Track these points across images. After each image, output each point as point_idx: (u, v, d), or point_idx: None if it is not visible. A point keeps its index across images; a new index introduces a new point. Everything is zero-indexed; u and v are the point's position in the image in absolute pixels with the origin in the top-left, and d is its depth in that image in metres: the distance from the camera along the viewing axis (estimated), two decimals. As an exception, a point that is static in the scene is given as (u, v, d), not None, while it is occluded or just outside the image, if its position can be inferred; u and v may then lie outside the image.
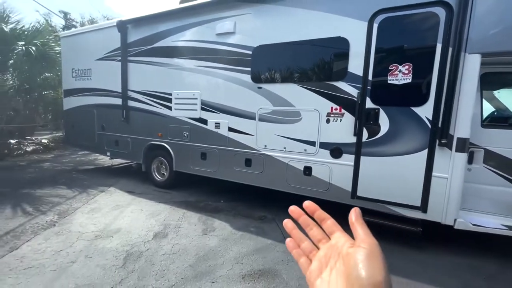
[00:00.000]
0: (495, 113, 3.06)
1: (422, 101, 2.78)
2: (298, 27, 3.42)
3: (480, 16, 2.50)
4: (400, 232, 3.08)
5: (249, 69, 3.79)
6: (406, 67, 2.83)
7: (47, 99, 9.79)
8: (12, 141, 8.38)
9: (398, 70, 2.87)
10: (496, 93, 3.10)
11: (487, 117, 3.00)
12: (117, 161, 6.90)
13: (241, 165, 4.01)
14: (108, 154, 5.75)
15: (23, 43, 7.00)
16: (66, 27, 14.85)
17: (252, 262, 2.69)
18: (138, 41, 4.88)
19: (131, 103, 5.12)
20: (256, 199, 4.48)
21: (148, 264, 2.60)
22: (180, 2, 4.67)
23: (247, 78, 3.82)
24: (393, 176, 3.00)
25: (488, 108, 3.10)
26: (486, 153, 2.84)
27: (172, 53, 4.49)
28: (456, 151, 2.68)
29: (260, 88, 3.74)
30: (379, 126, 3.02)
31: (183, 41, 4.37)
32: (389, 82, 2.92)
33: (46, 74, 8.45)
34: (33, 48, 6.69)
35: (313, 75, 3.39)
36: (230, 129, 4.06)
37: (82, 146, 6.52)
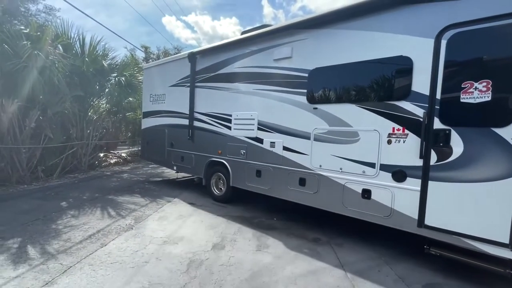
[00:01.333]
0: None
1: (506, 121, 2.45)
2: (354, 49, 3.43)
3: None
4: (484, 273, 2.65)
5: (305, 90, 3.92)
6: (484, 84, 2.56)
7: (128, 119, 11.60)
8: (101, 155, 10.10)
9: (474, 87, 2.61)
10: None
11: None
12: (181, 175, 7.65)
13: (295, 184, 4.05)
14: (175, 168, 6.45)
15: (115, 74, 8.61)
16: (146, 59, 17.60)
17: (306, 284, 2.65)
18: (205, 69, 5.52)
19: (196, 123, 5.73)
20: (310, 220, 4.41)
21: (207, 272, 2.80)
22: (242, 33, 5.16)
23: (303, 99, 3.94)
24: (470, 205, 2.64)
25: None
26: None
27: (233, 78, 4.95)
28: (557, 180, 2.25)
29: (316, 108, 3.81)
30: (450, 149, 2.74)
31: (243, 67, 4.79)
32: (462, 100, 2.67)
33: (130, 98, 10.08)
34: (123, 78, 8.16)
35: (372, 95, 3.32)
36: (285, 148, 4.18)
37: (154, 160, 7.46)
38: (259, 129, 4.55)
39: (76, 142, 7.92)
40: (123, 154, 11.88)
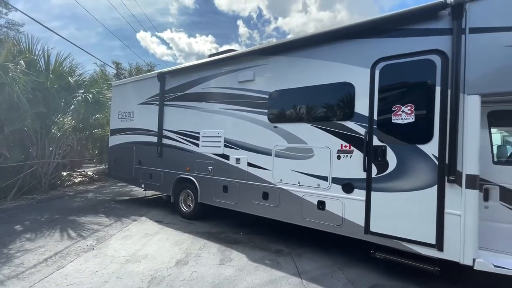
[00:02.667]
0: (506, 150, 3.04)
1: (427, 138, 2.92)
2: (308, 74, 3.86)
3: (475, 61, 2.70)
4: (417, 271, 3.01)
5: (266, 110, 4.25)
6: (409, 107, 3.05)
7: (96, 136, 11.21)
8: (64, 173, 9.58)
9: (401, 110, 3.09)
10: (507, 130, 3.12)
11: (499, 154, 3.00)
12: (150, 193, 7.52)
13: (259, 198, 4.27)
14: (143, 186, 6.38)
15: (82, 91, 8.42)
16: (117, 75, 17.31)
17: (264, 292, 2.81)
18: (174, 88, 5.70)
19: (165, 141, 5.80)
20: (275, 232, 4.61)
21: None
22: (209, 56, 5.47)
23: (265, 118, 4.26)
24: (405, 212, 3.03)
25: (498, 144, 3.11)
26: (502, 191, 2.79)
27: (201, 98, 5.17)
28: (467, 187, 2.70)
29: (276, 127, 4.13)
30: (387, 163, 3.16)
31: (211, 88, 5.05)
32: (393, 121, 3.13)
33: (98, 115, 9.83)
34: (90, 95, 8.01)
35: (323, 116, 3.72)
36: (249, 164, 4.41)
37: (121, 178, 7.30)
38: (225, 146, 4.76)
39: (36, 161, 7.51)
40: (89, 173, 11.35)
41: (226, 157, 4.73)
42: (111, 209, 6.14)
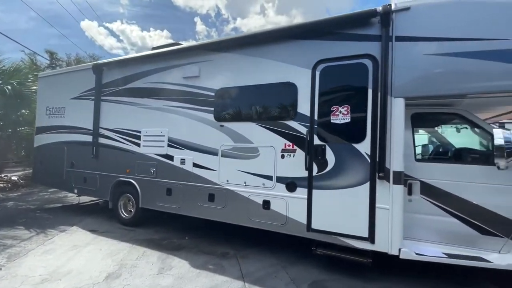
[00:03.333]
0: (427, 149, 3.41)
1: (360, 138, 3.09)
2: (254, 73, 3.80)
3: (400, 66, 2.94)
4: (354, 265, 3.16)
5: (212, 109, 4.08)
6: (345, 108, 3.19)
7: (21, 135, 9.67)
8: (-23, 179, 8.03)
9: (339, 111, 3.22)
10: (427, 130, 3.49)
11: (421, 152, 3.33)
12: (87, 199, 6.72)
13: (204, 200, 4.08)
14: (76, 191, 5.66)
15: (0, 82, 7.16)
16: (52, 66, 15.25)
17: (202, 301, 2.65)
18: (112, 82, 5.16)
19: (102, 140, 5.21)
20: (222, 235, 4.46)
21: (92, 308, 2.50)
22: (153, 48, 5.08)
23: (211, 117, 4.08)
24: (342, 208, 3.17)
25: (420, 144, 3.45)
26: (422, 185, 3.09)
27: (143, 93, 4.76)
28: (393, 183, 2.92)
29: (222, 126, 3.99)
30: (326, 161, 3.26)
31: (154, 83, 4.68)
32: (332, 121, 3.25)
33: (24, 111, 8.48)
34: (9, 87, 6.83)
35: (268, 115, 3.70)
36: (195, 165, 4.19)
37: (49, 183, 6.39)
38: (169, 146, 4.45)
39: None
40: (13, 178, 9.72)
41: (170, 157, 4.42)
42: (34, 219, 5.30)
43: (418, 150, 3.43)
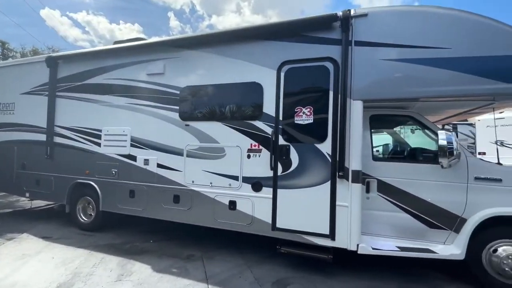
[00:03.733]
0: (385, 148, 3.61)
1: (322, 138, 3.18)
2: (220, 72, 3.75)
3: (358, 70, 3.07)
4: (317, 262, 3.26)
5: (177, 107, 3.96)
6: (308, 109, 3.27)
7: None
8: None
9: (302, 112, 3.28)
10: (383, 131, 3.70)
11: (381, 152, 3.52)
12: (39, 203, 6.19)
13: (169, 202, 3.95)
14: (27, 195, 5.18)
15: None
16: (3, 57, 13.84)
17: (161, 307, 2.56)
18: (69, 77, 4.79)
19: (57, 139, 4.83)
20: (189, 237, 4.36)
21: (37, 322, 2.30)
22: (114, 43, 4.81)
23: (176, 116, 3.96)
24: (305, 207, 3.24)
25: (377, 144, 3.65)
26: (379, 183, 3.27)
27: (104, 90, 4.49)
28: (352, 182, 3.05)
29: (188, 125, 3.89)
30: (290, 161, 3.32)
31: (115, 79, 4.43)
32: (295, 122, 3.31)
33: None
34: None
35: (234, 115, 3.66)
36: (159, 165, 4.04)
37: (-4, 187, 5.78)
38: (132, 145, 4.24)
39: None
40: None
41: (133, 158, 4.22)
42: (-23, 228, 4.76)
43: (379, 149, 3.62)
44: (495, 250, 2.82)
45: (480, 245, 2.87)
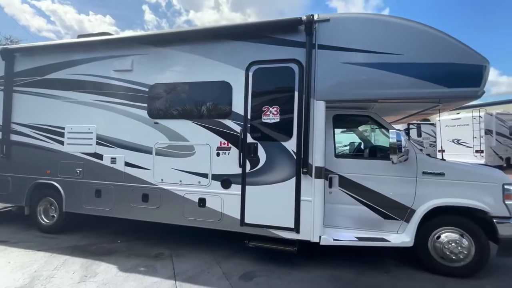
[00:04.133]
0: (344, 146, 3.86)
1: (288, 136, 3.34)
2: (190, 70, 3.77)
3: (321, 72, 3.25)
4: (285, 254, 3.41)
5: (146, 105, 3.91)
6: (275, 108, 3.40)
7: None
8: None
9: (269, 111, 3.41)
10: (348, 130, 3.95)
11: (347, 149, 3.75)
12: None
13: (138, 201, 3.90)
14: (-20, 197, 4.81)
15: None
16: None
17: (126, 305, 2.55)
18: (28, 71, 4.52)
19: (15, 137, 4.54)
20: (158, 236, 4.33)
21: (-10, 328, 2.20)
22: (78, 36, 4.60)
23: (144, 113, 3.91)
24: (272, 202, 3.38)
25: (339, 142, 3.89)
26: (340, 178, 3.49)
27: (66, 85, 4.30)
28: (315, 177, 3.24)
29: (157, 123, 3.86)
30: (258, 158, 3.44)
31: (80, 74, 4.26)
32: (263, 121, 3.43)
33: None
34: None
35: (204, 113, 3.70)
36: (127, 164, 3.97)
37: None
38: (98, 143, 4.12)
39: None
40: None
41: (99, 156, 4.10)
42: None
43: (341, 147, 3.85)
44: (439, 237, 3.16)
45: (426, 233, 3.19)
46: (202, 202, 3.65)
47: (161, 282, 2.98)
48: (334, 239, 3.25)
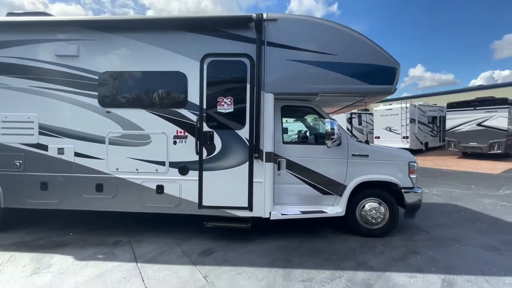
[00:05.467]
0: (291, 134, 4.37)
1: (241, 125, 3.67)
2: (144, 59, 3.77)
3: (270, 67, 3.62)
4: (239, 231, 3.81)
5: (96, 93, 3.80)
6: (229, 99, 3.68)
7: None
8: None
9: (224, 101, 3.68)
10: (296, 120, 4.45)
11: (296, 136, 4.24)
12: None
13: (91, 191, 3.84)
14: None
15: None
16: None
17: (88, 288, 2.66)
18: None
19: None
20: (114, 226, 4.33)
21: None
22: (8, 14, 4.12)
23: (95, 102, 3.80)
24: (227, 185, 3.71)
25: (291, 130, 4.37)
26: (287, 162, 3.98)
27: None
28: (266, 161, 3.66)
29: (109, 112, 3.80)
30: (214, 146, 3.71)
31: (14, 57, 3.87)
32: (218, 110, 3.69)
33: None
34: None
35: (159, 102, 3.78)
36: (77, 154, 3.84)
37: None
38: (41, 133, 3.87)
39: None
40: None
41: (44, 147, 3.87)
42: None
43: (288, 134, 4.33)
44: (364, 206, 3.91)
45: (355, 204, 3.91)
46: (160, 189, 3.79)
47: (122, 265, 3.11)
48: (282, 214, 3.75)
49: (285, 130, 4.32)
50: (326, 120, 3.64)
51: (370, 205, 3.91)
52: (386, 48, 3.66)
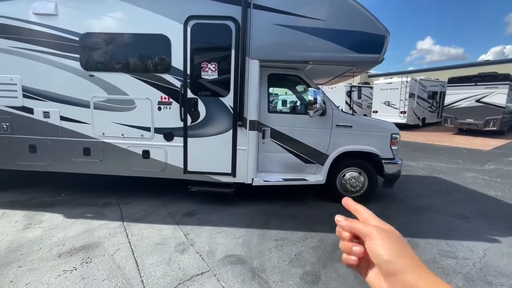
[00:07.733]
0: (276, 103, 4.35)
1: (225, 92, 3.65)
2: (125, 20, 3.63)
3: (256, 32, 3.50)
4: (222, 195, 3.98)
5: (78, 56, 3.72)
6: (213, 65, 3.61)
7: None
8: None
9: (208, 67, 3.61)
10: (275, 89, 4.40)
11: (271, 105, 4.23)
12: None
13: (79, 154, 3.93)
14: None
15: None
16: None
17: (75, 241, 2.86)
18: None
19: None
20: (104, 188, 4.50)
21: None
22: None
23: (77, 65, 3.73)
24: (212, 152, 3.79)
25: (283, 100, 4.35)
26: (271, 131, 4.03)
27: (-26, 28, 3.74)
28: (249, 130, 3.70)
29: (92, 76, 3.75)
30: (198, 113, 3.72)
31: (-11, 15, 3.72)
32: (202, 77, 3.64)
33: None
34: None
35: (143, 67, 3.71)
36: (63, 118, 3.87)
37: None
38: (25, 96, 3.85)
39: None
40: None
41: (29, 110, 3.88)
42: None
43: (273, 103, 4.32)
44: (344, 175, 4.04)
45: (336, 173, 4.04)
46: (146, 154, 3.88)
47: (109, 223, 3.30)
48: (264, 180, 3.89)
49: (272, 99, 4.30)
50: (310, 89, 3.61)
51: (350, 174, 4.04)
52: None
